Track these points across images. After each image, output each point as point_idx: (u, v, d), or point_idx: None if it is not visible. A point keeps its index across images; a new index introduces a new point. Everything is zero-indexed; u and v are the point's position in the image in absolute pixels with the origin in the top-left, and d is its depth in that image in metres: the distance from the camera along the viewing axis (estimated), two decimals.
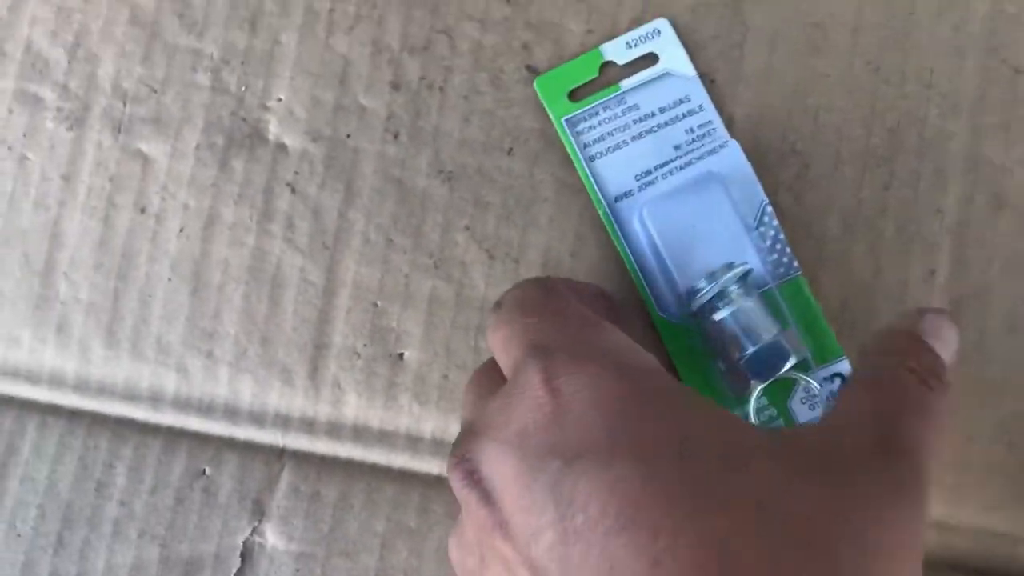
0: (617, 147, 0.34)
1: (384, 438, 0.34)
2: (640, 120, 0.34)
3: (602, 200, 0.34)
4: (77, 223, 0.35)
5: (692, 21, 0.35)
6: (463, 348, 0.34)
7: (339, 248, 0.35)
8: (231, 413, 0.35)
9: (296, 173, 0.35)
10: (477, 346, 0.34)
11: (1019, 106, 0.33)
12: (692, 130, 0.34)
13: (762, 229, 0.32)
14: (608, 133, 0.34)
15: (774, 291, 0.32)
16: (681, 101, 0.34)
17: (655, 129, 0.34)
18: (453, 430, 0.34)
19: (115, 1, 0.36)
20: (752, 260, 0.32)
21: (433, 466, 0.34)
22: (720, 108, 0.34)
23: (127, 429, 0.35)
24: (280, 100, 0.36)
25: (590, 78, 0.35)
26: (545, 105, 0.35)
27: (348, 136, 0.35)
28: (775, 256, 0.32)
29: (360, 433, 0.34)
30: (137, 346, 0.35)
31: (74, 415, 0.35)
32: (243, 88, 0.36)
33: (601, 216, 0.34)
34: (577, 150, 0.34)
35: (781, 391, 0.32)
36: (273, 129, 0.35)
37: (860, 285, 0.33)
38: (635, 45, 0.34)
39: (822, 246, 0.33)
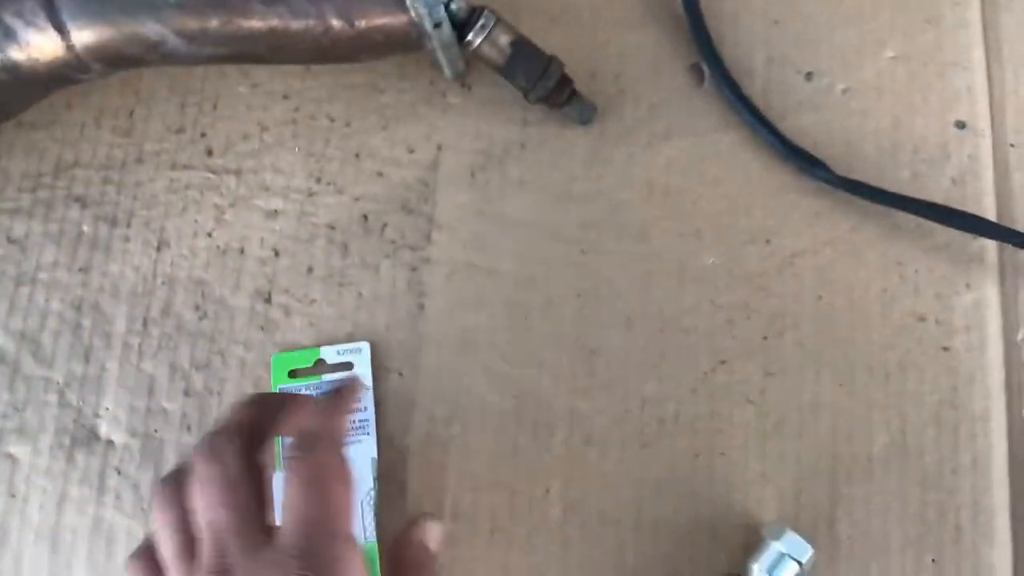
0: None
1: None
2: None
3: (280, 449, 0.49)
4: None
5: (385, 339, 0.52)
6: None
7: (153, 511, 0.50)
8: None
9: (121, 460, 0.51)
10: None
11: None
12: (353, 421, 0.51)
13: (363, 503, 0.49)
14: None
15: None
16: None
17: None
18: None
19: None
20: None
21: None
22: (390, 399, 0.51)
23: None
24: (108, 409, 0.52)
25: (307, 366, 0.52)
26: (272, 375, 0.51)
27: (156, 431, 0.51)
28: (368, 519, 0.49)
29: None
30: None
31: None
32: (81, 402, 0.52)
33: (276, 461, 0.49)
34: None
35: None
36: (104, 430, 0.51)
37: None
38: (341, 354, 0.52)
39: None
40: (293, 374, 0.51)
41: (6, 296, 0.53)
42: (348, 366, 0.52)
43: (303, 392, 0.51)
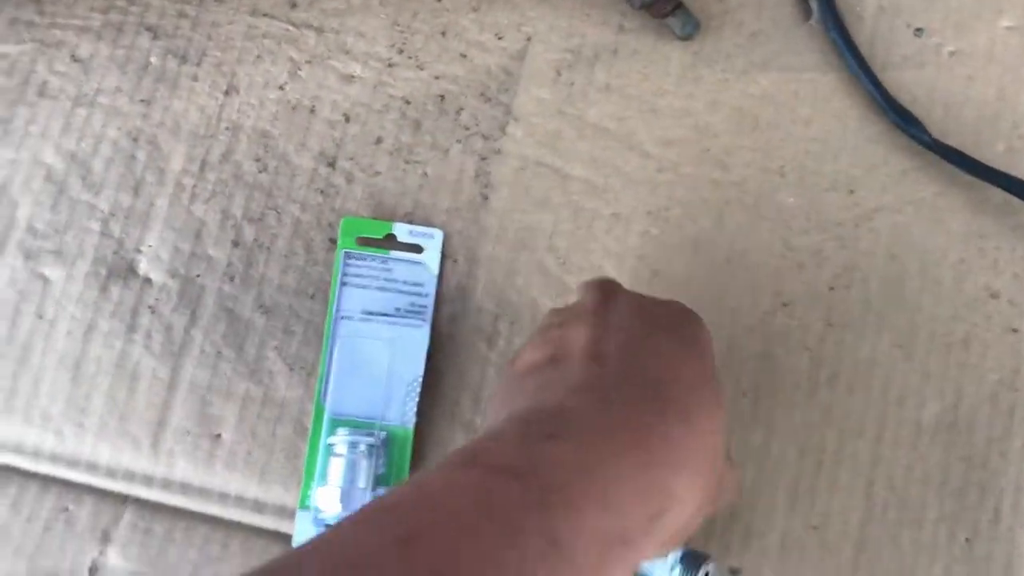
0: (363, 286, 0.49)
1: (202, 493, 0.48)
2: (388, 280, 0.50)
3: (334, 312, 0.49)
4: None
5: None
6: (265, 434, 0.48)
7: (182, 356, 0.49)
8: (92, 467, 0.48)
9: (156, 299, 0.49)
10: (275, 432, 0.48)
11: None
12: (413, 305, 0.49)
13: (408, 388, 0.48)
14: (363, 275, 0.49)
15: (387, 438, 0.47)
16: (417, 284, 0.50)
17: (392, 289, 0.49)
18: (254, 491, 0.48)
19: (33, 164, 0.50)
20: (396, 402, 0.48)
21: (235, 515, 0.48)
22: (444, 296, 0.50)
23: (13, 474, 0.48)
24: (150, 246, 0.50)
25: (376, 237, 0.50)
26: (339, 235, 0.50)
27: (198, 276, 0.50)
28: (409, 405, 0.48)
29: (185, 488, 0.48)
30: (27, 415, 0.48)
31: None
32: (124, 235, 0.50)
33: (327, 320, 0.49)
34: (339, 272, 0.49)
35: None
36: (143, 266, 0.50)
37: None
38: (414, 235, 0.50)
39: None
40: (361, 241, 0.50)
41: (62, 114, 0.51)
42: (417, 249, 0.50)
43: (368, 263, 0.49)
